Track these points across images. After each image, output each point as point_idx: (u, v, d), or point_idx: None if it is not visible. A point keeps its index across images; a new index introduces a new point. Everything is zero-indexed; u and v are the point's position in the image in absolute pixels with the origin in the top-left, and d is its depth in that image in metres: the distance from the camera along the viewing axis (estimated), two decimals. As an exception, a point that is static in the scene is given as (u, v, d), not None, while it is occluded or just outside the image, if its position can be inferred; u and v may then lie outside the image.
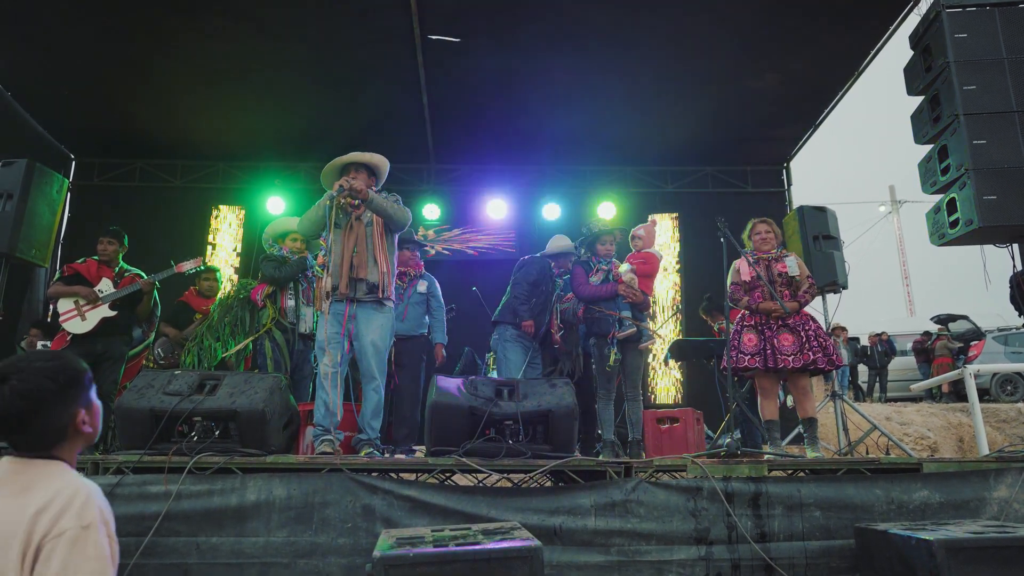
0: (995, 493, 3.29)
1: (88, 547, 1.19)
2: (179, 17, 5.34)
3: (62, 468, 1.32)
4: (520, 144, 7.43)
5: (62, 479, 1.28)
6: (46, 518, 1.20)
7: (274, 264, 4.73)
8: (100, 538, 1.21)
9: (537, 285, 4.95)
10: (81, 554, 1.18)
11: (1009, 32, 4.20)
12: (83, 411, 1.35)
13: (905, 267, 29.43)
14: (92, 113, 6.88)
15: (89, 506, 1.23)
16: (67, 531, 1.19)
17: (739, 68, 6.12)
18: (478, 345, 5.89)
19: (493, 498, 3.23)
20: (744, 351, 4.05)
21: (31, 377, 1.30)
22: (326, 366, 3.72)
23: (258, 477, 3.22)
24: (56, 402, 1.31)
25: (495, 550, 2.41)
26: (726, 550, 3.16)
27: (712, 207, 6.32)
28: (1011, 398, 10.28)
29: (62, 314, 4.42)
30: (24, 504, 1.22)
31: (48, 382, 1.31)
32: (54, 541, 1.18)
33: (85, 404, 1.36)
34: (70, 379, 1.34)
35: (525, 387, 3.72)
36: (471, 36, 5.58)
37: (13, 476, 1.28)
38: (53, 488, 1.25)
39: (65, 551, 1.17)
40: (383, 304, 3.88)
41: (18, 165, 4.70)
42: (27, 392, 1.28)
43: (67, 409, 1.33)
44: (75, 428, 1.34)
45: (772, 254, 4.26)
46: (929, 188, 4.56)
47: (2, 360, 1.34)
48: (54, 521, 1.20)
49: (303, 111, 6.85)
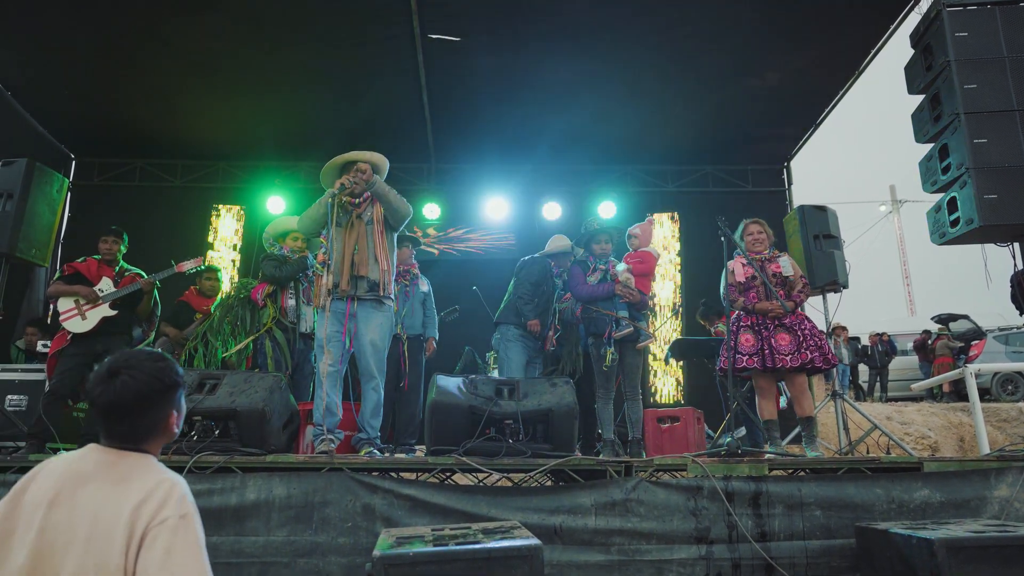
0: (996, 492, 3.29)
1: (188, 534, 1.30)
2: (179, 17, 5.33)
3: (152, 461, 1.43)
4: (520, 143, 7.42)
5: (156, 473, 1.39)
6: (148, 509, 1.30)
7: (274, 263, 4.73)
8: (196, 526, 1.32)
9: (539, 285, 4.95)
10: (182, 540, 1.28)
11: (1010, 30, 4.20)
12: (176, 412, 1.49)
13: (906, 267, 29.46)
14: (92, 112, 6.88)
15: (186, 498, 1.35)
16: (168, 520, 1.29)
17: (739, 67, 6.11)
18: (478, 344, 5.89)
19: (493, 497, 3.23)
20: (742, 351, 4.05)
21: (141, 375, 1.41)
22: (326, 365, 3.72)
23: (258, 476, 3.21)
24: (159, 401, 1.44)
25: (495, 549, 2.40)
26: (726, 549, 3.16)
27: (712, 206, 6.32)
28: (1012, 397, 10.27)
29: (62, 313, 4.42)
30: (124, 495, 1.31)
31: (156, 382, 1.43)
32: (157, 529, 1.28)
33: (178, 407, 1.50)
34: (174, 382, 1.47)
35: (525, 386, 3.72)
36: (471, 35, 5.57)
37: (108, 467, 1.37)
38: (150, 480, 1.35)
39: (168, 538, 1.27)
40: (382, 303, 3.88)
41: (18, 164, 4.70)
42: (136, 388, 1.40)
43: (165, 408, 1.46)
44: (167, 426, 1.47)
45: (765, 254, 4.27)
46: (930, 187, 4.55)
47: (113, 356, 1.46)
48: (156, 511, 1.29)
49: (303, 110, 6.85)
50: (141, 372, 1.41)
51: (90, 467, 1.37)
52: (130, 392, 1.39)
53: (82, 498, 1.32)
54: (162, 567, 1.25)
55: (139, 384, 1.40)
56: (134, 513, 1.29)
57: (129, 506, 1.30)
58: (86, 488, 1.33)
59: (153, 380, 1.42)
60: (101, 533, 1.27)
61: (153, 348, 5.06)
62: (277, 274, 4.68)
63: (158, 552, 1.26)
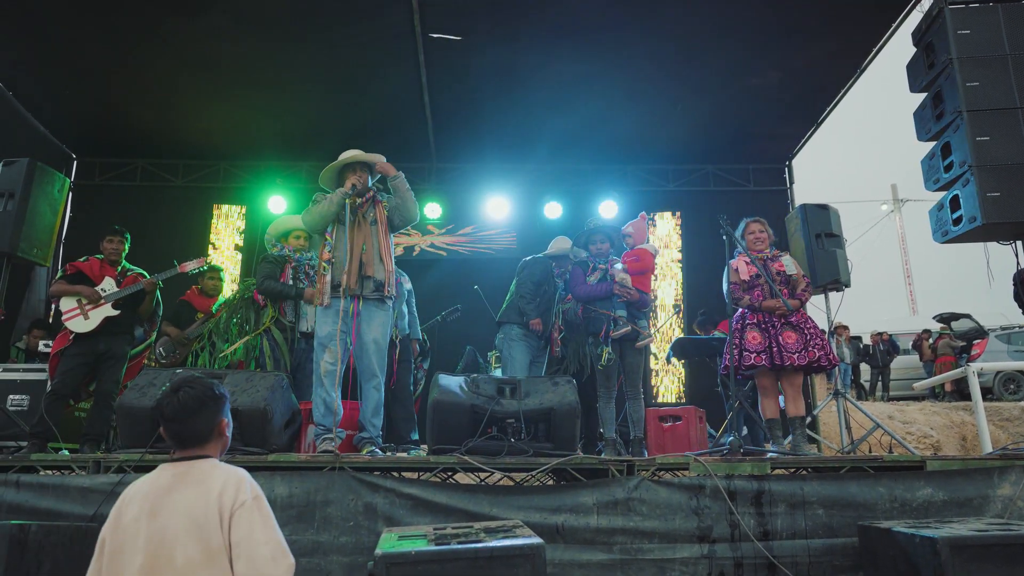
0: (999, 491, 3.28)
1: (262, 509, 1.69)
2: (179, 17, 5.34)
3: (215, 462, 1.79)
4: (522, 143, 7.42)
5: (223, 469, 1.76)
6: (228, 496, 1.67)
7: (271, 267, 4.73)
8: (266, 503, 1.72)
9: (541, 285, 4.95)
10: (260, 515, 1.68)
11: (1012, 28, 4.19)
12: (225, 420, 1.87)
13: (908, 266, 29.40)
14: (93, 112, 6.88)
15: (253, 483, 1.74)
16: (246, 501, 1.67)
17: (741, 66, 6.10)
18: (480, 344, 5.89)
19: (495, 496, 3.22)
20: (749, 349, 4.04)
21: (196, 389, 1.81)
22: (327, 363, 3.71)
23: (260, 476, 3.20)
24: (211, 409, 1.82)
25: (497, 548, 2.40)
26: (729, 548, 3.15)
27: (714, 205, 6.32)
28: (1014, 396, 10.25)
29: (65, 313, 4.42)
30: (205, 491, 1.68)
31: (207, 394, 1.82)
32: (239, 510, 1.66)
33: (227, 415, 1.88)
34: (221, 395, 1.86)
35: (527, 385, 3.71)
36: (473, 34, 5.57)
37: (184, 475, 1.73)
38: (221, 475, 1.73)
39: (248, 515, 1.66)
40: (384, 302, 3.89)
41: (19, 164, 4.69)
42: (193, 399, 1.79)
43: (216, 416, 1.83)
44: (220, 431, 1.84)
45: (766, 253, 4.27)
46: (932, 185, 4.54)
47: (177, 377, 1.91)
48: (234, 497, 1.67)
49: (304, 110, 6.84)
50: (196, 387, 1.82)
51: (170, 480, 1.73)
52: (189, 401, 1.79)
53: (173, 503, 1.68)
54: (249, 537, 1.64)
55: (195, 396, 1.80)
56: (218, 501, 1.66)
57: (212, 497, 1.67)
58: (172, 496, 1.69)
59: (205, 393, 1.82)
60: (198, 524, 1.64)
61: (155, 347, 5.11)
62: (268, 287, 4.70)
63: (244, 527, 1.64)
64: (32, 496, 3.20)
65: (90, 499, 3.15)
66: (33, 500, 3.18)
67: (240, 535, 1.64)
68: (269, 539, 1.65)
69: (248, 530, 1.64)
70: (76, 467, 3.44)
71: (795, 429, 4.09)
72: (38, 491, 3.21)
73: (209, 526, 1.63)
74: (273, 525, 1.69)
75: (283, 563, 1.65)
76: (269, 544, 1.65)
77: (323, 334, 3.77)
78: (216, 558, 1.62)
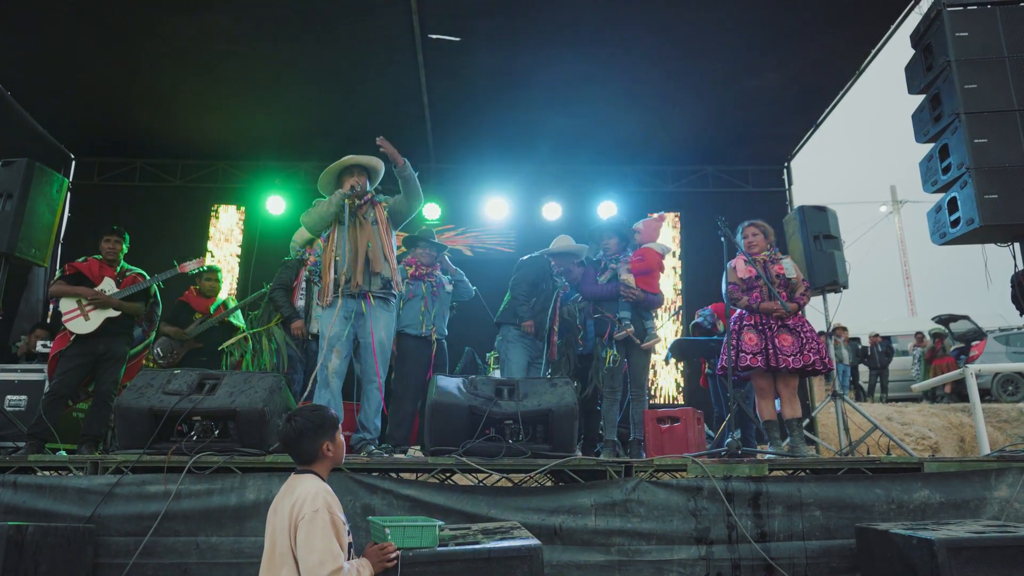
0: (996, 493, 3.29)
1: (317, 523, 2.07)
2: (179, 17, 5.33)
3: (313, 478, 2.22)
4: (520, 143, 7.41)
5: (310, 485, 2.17)
6: (296, 508, 2.10)
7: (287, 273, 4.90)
8: (325, 518, 2.08)
9: (536, 285, 4.93)
10: (314, 527, 2.06)
11: (1010, 31, 4.19)
12: (328, 443, 2.28)
13: (906, 267, 29.38)
14: (92, 112, 6.87)
15: (318, 499, 2.11)
16: (306, 515, 2.07)
17: (740, 67, 6.11)
18: (478, 345, 5.88)
19: (493, 497, 3.23)
20: (746, 350, 4.05)
21: (299, 421, 2.26)
22: (335, 364, 3.71)
23: (258, 476, 3.21)
24: (313, 435, 2.25)
25: (495, 549, 2.40)
26: (726, 550, 3.16)
27: (713, 206, 6.31)
28: (1012, 398, 10.26)
29: (64, 313, 4.41)
30: (290, 501, 2.14)
31: (310, 423, 2.25)
32: (301, 522, 2.07)
33: (331, 439, 2.29)
34: (324, 422, 2.28)
35: (525, 386, 3.71)
36: (471, 35, 5.56)
37: (292, 486, 2.21)
38: (302, 491, 2.14)
39: (306, 527, 2.07)
40: (389, 301, 3.90)
41: (18, 164, 4.68)
42: (294, 430, 2.25)
43: (318, 440, 2.26)
44: (322, 452, 2.26)
45: (768, 255, 4.27)
46: (930, 187, 4.54)
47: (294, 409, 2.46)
48: (300, 509, 2.09)
49: (303, 110, 6.84)
50: (303, 417, 2.27)
51: (287, 488, 2.22)
52: (295, 429, 2.25)
53: (282, 507, 2.16)
54: (303, 545, 2.06)
55: (297, 427, 2.25)
56: (291, 512, 2.10)
57: (288, 507, 2.12)
58: (283, 500, 2.18)
59: (308, 422, 2.25)
60: (281, 527, 2.11)
61: (153, 348, 5.11)
62: (274, 296, 4.84)
63: (302, 536, 2.06)
64: (29, 497, 3.19)
65: (87, 500, 3.15)
66: (30, 501, 3.18)
67: (299, 541, 2.07)
68: (317, 548, 2.04)
69: (304, 539, 2.06)
70: (74, 468, 3.44)
71: (792, 431, 4.10)
72: (35, 492, 3.21)
73: (286, 531, 2.09)
74: (325, 535, 2.06)
75: (328, 567, 2.02)
76: (317, 552, 2.03)
77: (330, 335, 3.76)
78: (290, 555, 2.08)
